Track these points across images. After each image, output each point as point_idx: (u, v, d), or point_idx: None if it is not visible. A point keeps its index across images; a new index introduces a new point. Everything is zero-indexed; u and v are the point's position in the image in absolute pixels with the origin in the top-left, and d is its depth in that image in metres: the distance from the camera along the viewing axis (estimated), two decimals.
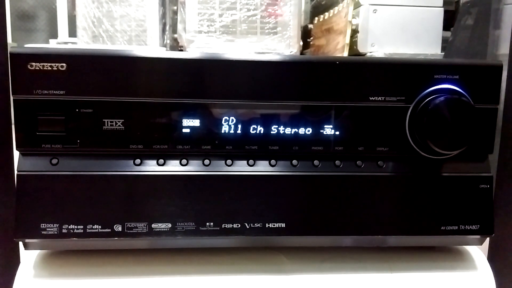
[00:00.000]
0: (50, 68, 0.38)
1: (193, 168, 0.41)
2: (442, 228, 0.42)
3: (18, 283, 0.41)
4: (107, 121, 0.39)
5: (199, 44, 1.56)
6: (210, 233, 0.40)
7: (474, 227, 0.43)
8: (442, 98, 0.40)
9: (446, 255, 0.47)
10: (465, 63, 0.42)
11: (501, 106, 0.43)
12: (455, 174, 0.42)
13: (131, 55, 0.39)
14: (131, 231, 0.39)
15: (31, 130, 0.39)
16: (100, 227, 0.39)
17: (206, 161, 0.41)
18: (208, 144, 0.41)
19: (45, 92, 0.38)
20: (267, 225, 0.41)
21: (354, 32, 1.39)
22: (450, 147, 0.40)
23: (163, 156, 0.40)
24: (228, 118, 0.40)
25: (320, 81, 0.41)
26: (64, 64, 0.38)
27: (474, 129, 0.40)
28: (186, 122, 0.40)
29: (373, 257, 0.45)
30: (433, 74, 0.41)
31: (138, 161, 0.40)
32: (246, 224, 0.40)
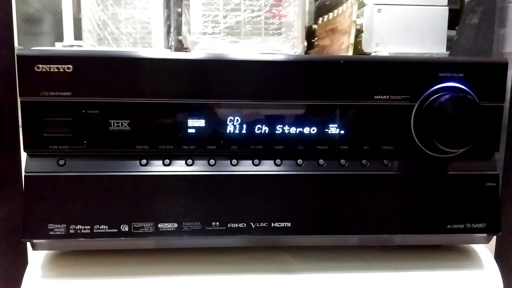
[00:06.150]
0: (57, 70, 0.38)
1: (199, 168, 0.41)
2: (448, 226, 0.42)
3: (26, 283, 0.41)
4: (113, 122, 0.39)
5: (203, 45, 1.57)
6: (216, 232, 0.40)
7: (480, 225, 0.42)
8: (447, 96, 0.40)
9: (453, 254, 0.46)
10: (470, 61, 0.42)
11: (506, 104, 0.42)
12: (461, 172, 0.42)
13: (136, 56, 0.39)
14: (137, 231, 0.40)
15: (38, 131, 0.39)
16: (107, 227, 0.39)
17: (212, 161, 0.41)
18: (213, 144, 0.41)
19: (52, 93, 0.39)
20: (272, 225, 0.41)
21: (359, 32, 1.39)
22: (455, 145, 0.40)
23: (168, 157, 0.41)
24: (233, 118, 0.41)
25: (325, 81, 0.41)
26: (70, 66, 0.38)
27: (480, 127, 0.40)
28: (192, 122, 0.40)
29: (379, 256, 0.45)
30: (438, 72, 0.41)
31: (144, 161, 0.40)
32: (252, 223, 0.41)
